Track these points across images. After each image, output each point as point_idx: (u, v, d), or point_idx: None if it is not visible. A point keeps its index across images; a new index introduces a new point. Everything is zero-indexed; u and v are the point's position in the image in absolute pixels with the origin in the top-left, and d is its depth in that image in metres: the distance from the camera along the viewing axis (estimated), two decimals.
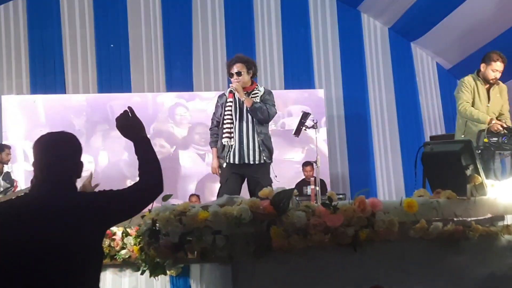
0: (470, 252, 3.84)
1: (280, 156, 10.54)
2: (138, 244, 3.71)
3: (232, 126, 5.46)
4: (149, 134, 10.07)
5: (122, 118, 2.81)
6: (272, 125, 10.06)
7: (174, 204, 3.52)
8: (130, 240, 4.94)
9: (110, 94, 10.62)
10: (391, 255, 3.72)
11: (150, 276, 3.77)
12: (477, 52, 9.17)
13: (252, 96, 5.51)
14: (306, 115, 6.86)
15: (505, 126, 5.67)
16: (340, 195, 8.21)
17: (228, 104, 5.52)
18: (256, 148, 5.45)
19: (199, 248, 3.40)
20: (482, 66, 6.06)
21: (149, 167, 2.73)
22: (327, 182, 10.13)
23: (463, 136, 5.92)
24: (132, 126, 2.80)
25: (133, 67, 10.90)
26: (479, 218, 3.88)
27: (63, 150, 2.66)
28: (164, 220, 3.36)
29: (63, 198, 2.57)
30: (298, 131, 6.87)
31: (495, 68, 6.00)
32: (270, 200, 3.52)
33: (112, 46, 10.86)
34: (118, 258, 5.05)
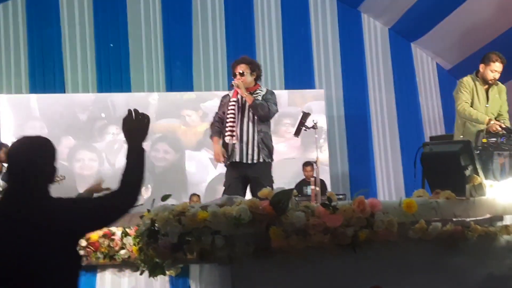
0: (469, 252, 3.84)
1: (280, 156, 10.57)
2: (137, 244, 3.71)
3: (234, 125, 5.49)
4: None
5: (128, 120, 2.75)
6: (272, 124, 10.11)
7: (173, 204, 3.52)
8: (129, 240, 4.94)
9: (111, 93, 10.63)
10: (390, 256, 3.72)
11: (149, 276, 3.77)
12: (477, 52, 9.16)
13: (254, 95, 5.54)
14: (306, 115, 6.84)
15: (503, 126, 5.67)
16: (340, 196, 8.21)
17: (231, 103, 5.54)
18: (255, 147, 5.47)
19: (198, 249, 3.40)
20: (481, 66, 6.06)
21: (132, 177, 2.69)
22: (327, 182, 10.12)
23: (462, 136, 5.92)
24: (135, 131, 2.75)
25: (132, 66, 10.88)
26: (478, 218, 3.88)
27: (35, 155, 2.64)
28: (163, 220, 3.36)
29: (34, 204, 2.56)
30: (298, 131, 6.85)
31: (494, 69, 6.00)
32: (270, 200, 3.52)
33: (111, 45, 10.85)
34: (117, 258, 5.05)
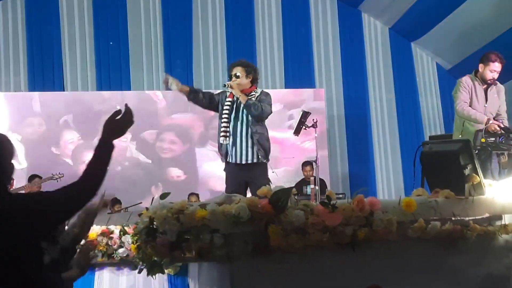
0: (468, 251, 3.84)
1: (279, 155, 10.57)
2: (135, 243, 3.70)
3: (228, 126, 5.51)
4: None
5: (114, 117, 2.75)
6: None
7: (172, 202, 3.51)
8: (128, 239, 4.93)
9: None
10: (389, 254, 3.71)
11: (148, 274, 3.76)
12: (476, 52, 9.15)
13: (249, 97, 5.55)
14: (306, 114, 6.86)
15: (502, 126, 5.67)
16: (340, 195, 8.20)
17: (227, 104, 5.56)
18: (249, 148, 5.48)
19: (197, 247, 3.39)
20: (480, 66, 6.07)
21: (96, 170, 2.67)
22: (327, 181, 10.12)
23: (461, 136, 5.93)
24: (115, 127, 2.73)
25: (132, 65, 10.88)
26: (477, 217, 3.88)
27: None
28: (162, 218, 3.35)
29: None
30: (298, 130, 6.87)
31: (493, 69, 6.00)
32: (269, 198, 3.51)
33: (111, 43, 10.85)
34: (115, 256, 5.04)
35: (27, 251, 2.57)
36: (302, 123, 6.82)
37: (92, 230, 4.59)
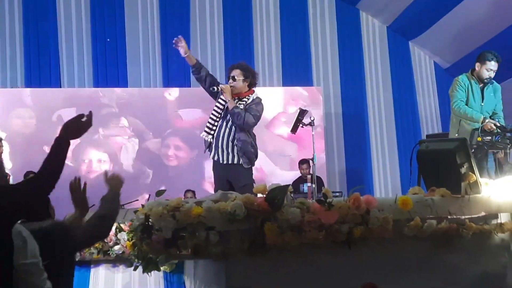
0: (464, 250, 3.84)
1: (276, 154, 10.57)
2: (131, 240, 3.70)
3: (215, 124, 5.54)
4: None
5: (76, 120, 2.87)
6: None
7: (168, 200, 3.51)
8: (123, 236, 4.92)
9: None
10: (385, 253, 3.72)
11: (143, 272, 3.76)
12: (474, 52, 9.14)
13: (240, 102, 5.56)
14: (303, 112, 6.84)
15: (498, 125, 5.68)
16: (337, 193, 8.20)
17: (220, 101, 5.57)
18: (230, 151, 5.51)
19: (192, 244, 3.39)
20: (477, 65, 6.07)
21: (52, 167, 2.76)
22: (324, 179, 10.12)
23: (457, 134, 5.93)
24: (73, 128, 2.85)
25: (129, 61, 10.86)
26: (473, 216, 3.89)
27: None
28: (157, 215, 3.35)
29: None
30: (295, 128, 6.85)
31: (490, 68, 6.01)
32: (265, 196, 3.51)
33: (108, 40, 10.82)
34: (111, 253, 5.03)
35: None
36: (299, 121, 6.80)
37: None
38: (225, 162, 5.52)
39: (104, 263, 5.13)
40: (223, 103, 5.57)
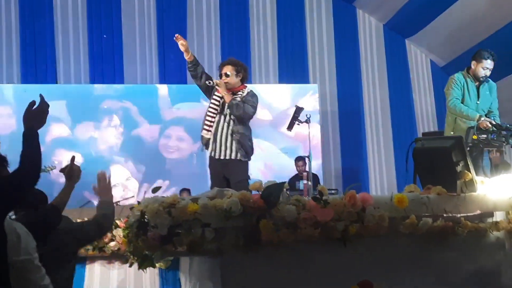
0: (459, 248, 3.85)
1: (272, 151, 10.57)
2: (126, 236, 3.69)
3: (213, 120, 5.55)
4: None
5: (31, 106, 2.89)
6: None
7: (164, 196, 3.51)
8: (119, 232, 4.92)
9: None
10: (380, 250, 3.72)
11: (139, 268, 3.75)
12: (470, 50, 9.15)
13: (235, 97, 5.57)
14: (299, 110, 6.83)
15: (493, 123, 5.68)
16: (332, 191, 8.20)
17: (215, 98, 5.58)
18: (228, 145, 5.51)
19: (188, 241, 3.39)
20: (473, 63, 6.07)
21: (29, 156, 2.83)
22: (320, 177, 10.12)
23: (453, 132, 5.93)
24: (31, 114, 2.88)
25: (126, 58, 10.84)
26: (469, 214, 3.89)
27: None
28: (153, 212, 3.34)
29: None
30: (291, 125, 6.85)
31: (486, 66, 6.00)
32: (261, 193, 3.51)
33: (105, 36, 10.80)
34: (107, 250, 5.03)
35: None
36: (295, 118, 6.79)
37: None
38: (222, 157, 5.52)
39: (99, 260, 5.13)
40: (218, 99, 5.58)
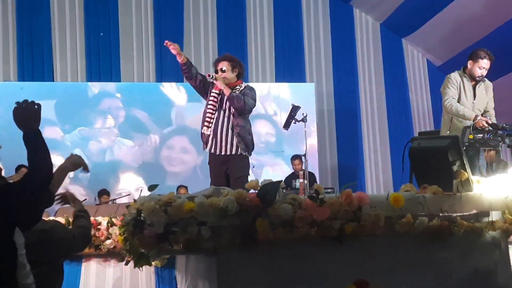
0: (455, 247, 3.85)
1: (269, 149, 10.58)
2: (122, 234, 3.69)
3: (212, 117, 5.54)
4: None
5: (19, 109, 2.85)
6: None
7: (160, 194, 3.50)
8: (115, 230, 4.91)
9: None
10: (376, 249, 3.72)
11: (135, 266, 3.75)
12: (467, 49, 9.17)
13: (233, 90, 5.57)
14: (296, 108, 6.85)
15: (490, 123, 5.69)
16: (329, 189, 8.20)
17: (213, 95, 5.58)
18: (229, 140, 5.51)
19: (184, 239, 3.38)
20: (469, 63, 6.08)
21: (35, 159, 2.79)
22: (316, 176, 10.13)
23: (449, 132, 5.94)
24: (28, 116, 2.84)
25: (122, 56, 10.84)
26: (465, 213, 3.89)
27: None
28: (149, 210, 3.33)
29: None
30: (288, 124, 6.86)
31: (482, 66, 6.01)
32: (257, 192, 3.50)
33: (101, 34, 10.79)
34: (103, 248, 5.02)
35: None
36: (291, 117, 6.81)
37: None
38: (222, 153, 5.51)
39: (95, 257, 5.12)
40: (215, 95, 5.58)
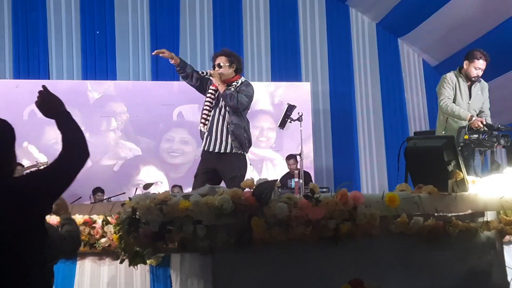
0: (450, 247, 3.85)
1: (264, 148, 10.59)
2: (118, 233, 3.68)
3: (209, 114, 5.51)
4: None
5: (42, 99, 2.77)
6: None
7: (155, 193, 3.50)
8: (110, 229, 4.89)
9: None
10: (371, 249, 3.72)
11: (130, 265, 3.74)
12: (463, 50, 9.19)
13: (229, 87, 5.54)
14: (291, 108, 6.85)
15: (485, 123, 5.70)
16: (324, 189, 8.20)
17: (210, 91, 5.55)
18: (224, 138, 5.47)
19: (179, 238, 3.38)
20: (465, 63, 6.08)
21: (72, 137, 2.70)
22: (311, 175, 10.14)
23: (444, 132, 5.94)
24: (50, 103, 2.76)
25: (118, 54, 10.83)
26: (460, 214, 3.90)
27: None
28: (145, 208, 3.33)
29: None
30: (283, 123, 6.87)
31: (478, 66, 6.02)
32: (252, 191, 3.50)
33: (97, 32, 10.78)
34: (97, 246, 5.00)
35: (30, 236, 2.56)
36: (287, 116, 6.82)
37: (75, 219, 4.55)
38: (216, 150, 5.48)
39: (90, 256, 5.10)
40: (213, 92, 5.55)
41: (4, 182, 2.56)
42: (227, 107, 5.48)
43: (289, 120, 6.86)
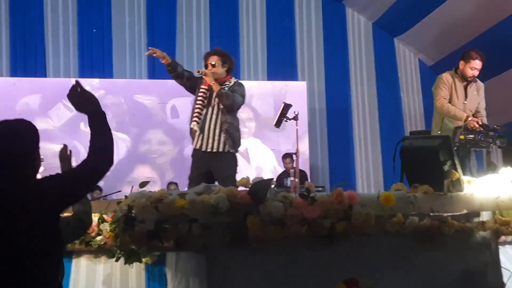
0: (445, 247, 3.86)
1: (260, 147, 10.59)
2: (113, 231, 3.68)
3: (201, 112, 5.50)
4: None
5: (75, 93, 2.71)
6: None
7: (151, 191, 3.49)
8: (106, 227, 4.89)
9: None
10: (366, 248, 3.73)
11: (125, 263, 3.74)
12: (459, 50, 9.20)
13: (222, 86, 5.55)
14: (287, 107, 6.84)
15: (481, 123, 5.71)
16: (319, 188, 8.22)
17: (202, 90, 5.55)
18: (217, 136, 5.47)
19: (175, 236, 3.39)
20: (461, 63, 6.08)
21: (101, 140, 2.66)
22: (307, 174, 10.14)
23: (440, 132, 5.94)
24: (87, 99, 2.71)
25: (115, 53, 10.81)
26: (455, 213, 3.91)
27: (17, 145, 2.55)
28: (140, 206, 3.33)
29: (16, 198, 2.48)
30: (279, 122, 6.86)
31: (474, 66, 6.02)
32: (248, 189, 3.51)
33: (94, 31, 10.77)
34: (93, 244, 4.99)
35: (48, 238, 2.55)
36: (283, 115, 6.80)
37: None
38: (209, 150, 5.47)
39: (86, 254, 5.09)
40: (204, 91, 5.55)
41: (27, 182, 2.54)
42: (221, 106, 5.48)
43: (285, 119, 6.85)
